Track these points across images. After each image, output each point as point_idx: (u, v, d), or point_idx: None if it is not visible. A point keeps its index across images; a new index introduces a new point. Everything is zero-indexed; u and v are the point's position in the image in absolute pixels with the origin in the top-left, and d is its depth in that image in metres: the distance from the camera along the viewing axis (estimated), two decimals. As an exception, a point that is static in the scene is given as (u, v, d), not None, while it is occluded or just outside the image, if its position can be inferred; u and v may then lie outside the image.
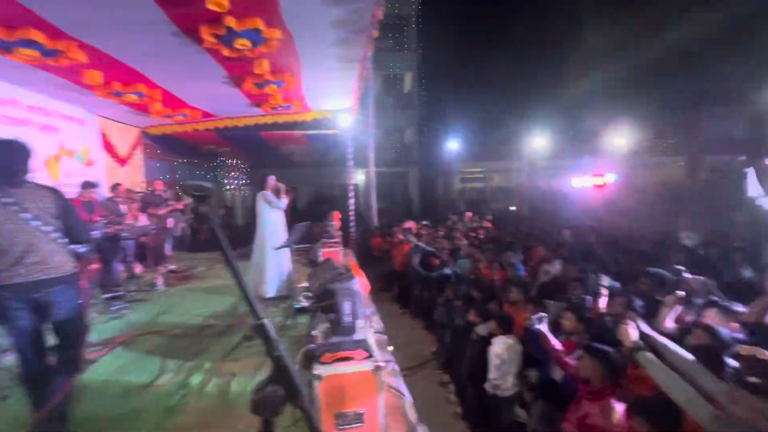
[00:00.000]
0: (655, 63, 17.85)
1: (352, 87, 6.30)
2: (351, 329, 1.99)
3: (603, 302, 3.28)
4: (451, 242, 6.80)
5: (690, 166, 18.02)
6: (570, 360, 2.41)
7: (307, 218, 5.44)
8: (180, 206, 7.00)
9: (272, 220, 5.00)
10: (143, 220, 5.97)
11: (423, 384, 4.56)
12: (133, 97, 5.48)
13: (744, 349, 1.65)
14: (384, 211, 15.47)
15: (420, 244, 6.18)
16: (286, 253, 4.70)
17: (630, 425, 1.92)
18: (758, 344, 1.77)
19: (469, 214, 10.38)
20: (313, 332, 2.38)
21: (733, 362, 1.93)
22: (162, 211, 6.58)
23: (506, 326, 3.10)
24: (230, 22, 3.45)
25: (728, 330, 2.42)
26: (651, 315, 3.04)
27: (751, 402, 1.55)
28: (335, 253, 5.32)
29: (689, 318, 2.87)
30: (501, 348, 3.02)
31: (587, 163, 14.40)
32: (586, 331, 2.82)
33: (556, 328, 3.20)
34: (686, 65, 17.84)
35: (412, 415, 2.53)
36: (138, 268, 6.13)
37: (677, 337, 2.60)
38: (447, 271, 5.12)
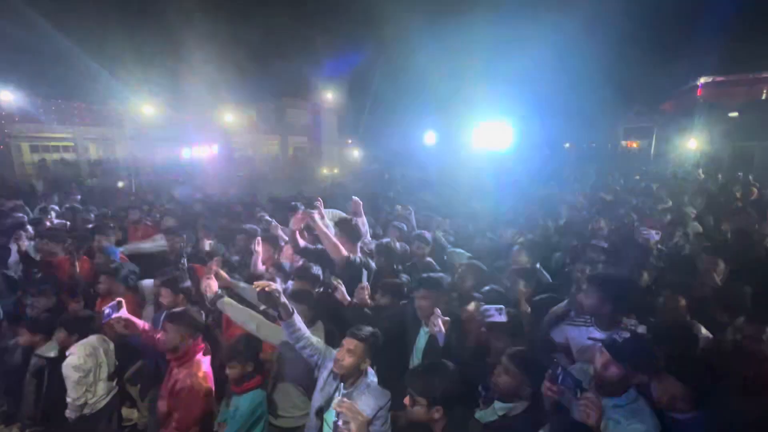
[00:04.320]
0: (253, 55, 19.69)
1: None
2: None
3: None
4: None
5: (282, 143, 22.48)
6: (159, 335, 2.16)
7: None
8: None
9: None
10: None
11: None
12: None
13: (257, 285, 1.77)
14: None
15: None
16: None
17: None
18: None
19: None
20: None
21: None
22: None
23: (81, 329, 2.37)
24: None
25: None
26: (247, 264, 3.41)
27: None
28: None
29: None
30: (79, 358, 2.29)
31: (196, 135, 14.33)
32: (186, 301, 2.68)
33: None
34: (271, 60, 21.07)
35: None
36: None
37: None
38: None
